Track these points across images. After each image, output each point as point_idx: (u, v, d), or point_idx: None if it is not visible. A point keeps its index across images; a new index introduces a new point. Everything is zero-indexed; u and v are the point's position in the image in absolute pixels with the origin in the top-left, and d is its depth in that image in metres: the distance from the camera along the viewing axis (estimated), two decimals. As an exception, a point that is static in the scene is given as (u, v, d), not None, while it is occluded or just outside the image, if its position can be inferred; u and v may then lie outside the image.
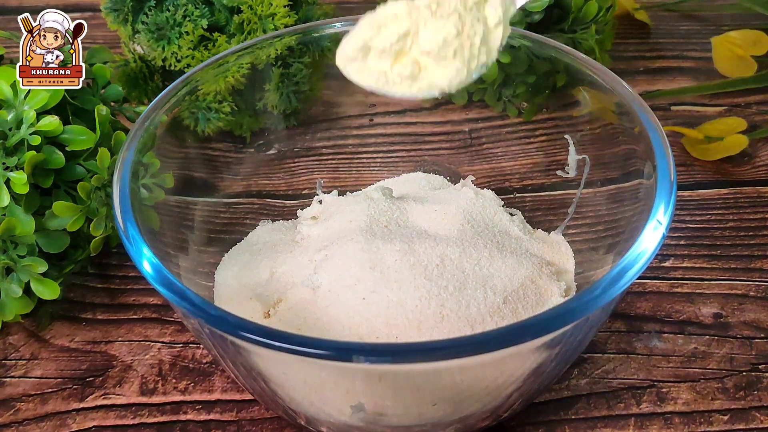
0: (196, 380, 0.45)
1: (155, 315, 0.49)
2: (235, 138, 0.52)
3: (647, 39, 0.72)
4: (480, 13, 0.41)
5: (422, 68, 0.41)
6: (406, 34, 0.40)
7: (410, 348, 0.35)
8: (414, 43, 0.40)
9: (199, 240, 0.47)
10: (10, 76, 0.46)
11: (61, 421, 0.44)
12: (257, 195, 0.52)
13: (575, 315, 0.33)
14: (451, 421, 0.39)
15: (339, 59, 0.41)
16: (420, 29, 0.40)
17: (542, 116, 0.53)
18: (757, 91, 0.64)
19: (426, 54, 0.40)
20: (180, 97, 0.46)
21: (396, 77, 0.41)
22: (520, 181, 0.52)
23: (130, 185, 0.40)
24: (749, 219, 0.54)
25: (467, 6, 0.40)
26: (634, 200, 0.42)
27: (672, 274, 0.51)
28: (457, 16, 0.40)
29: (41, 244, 0.46)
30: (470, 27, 0.40)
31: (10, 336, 0.48)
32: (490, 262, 0.44)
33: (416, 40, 0.40)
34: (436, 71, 0.41)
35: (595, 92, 0.46)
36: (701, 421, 0.43)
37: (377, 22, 0.40)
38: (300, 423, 0.41)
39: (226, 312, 0.34)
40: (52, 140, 0.45)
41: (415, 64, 0.41)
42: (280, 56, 0.52)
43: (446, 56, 0.40)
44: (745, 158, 0.59)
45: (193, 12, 0.53)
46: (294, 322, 0.42)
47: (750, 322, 0.48)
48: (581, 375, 0.45)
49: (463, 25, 0.40)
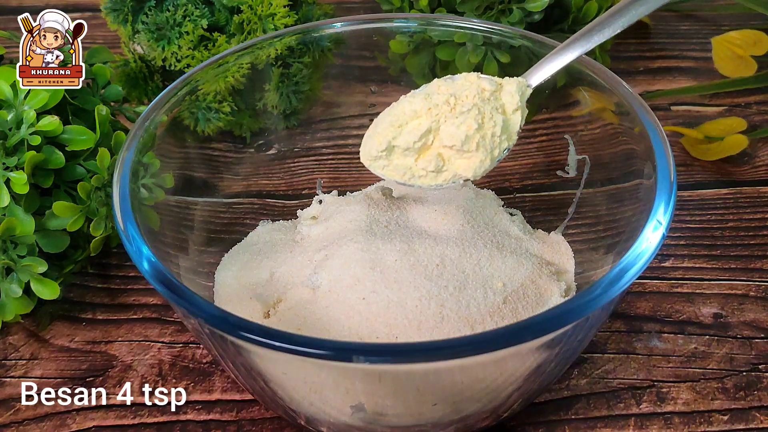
0: (196, 380, 0.45)
1: (155, 315, 0.49)
2: (235, 138, 0.52)
3: (647, 39, 0.72)
4: (498, 102, 0.42)
5: (446, 160, 0.42)
6: (428, 131, 0.41)
7: (410, 348, 0.35)
8: (436, 138, 0.42)
9: (199, 240, 0.47)
10: (10, 76, 0.46)
11: (61, 421, 0.44)
12: (257, 195, 0.52)
13: (575, 315, 0.33)
14: (451, 421, 0.39)
15: (363, 158, 0.43)
16: (441, 125, 0.41)
17: (542, 116, 0.53)
18: (757, 91, 0.65)
19: (449, 148, 0.41)
20: (180, 97, 0.46)
21: (421, 171, 0.42)
22: (520, 181, 0.52)
23: (130, 185, 0.40)
24: (749, 219, 0.54)
25: (484, 97, 0.42)
26: (634, 200, 0.42)
27: (672, 274, 0.51)
28: (477, 110, 0.41)
29: (41, 244, 0.46)
30: (490, 119, 0.41)
31: (10, 336, 0.48)
32: (490, 262, 0.44)
33: (437, 135, 0.42)
34: (460, 162, 0.42)
35: (595, 92, 0.46)
36: (701, 421, 0.43)
37: (398, 121, 0.42)
38: (300, 423, 0.41)
39: (226, 312, 0.34)
40: (52, 140, 0.45)
41: (439, 157, 0.42)
42: (280, 56, 0.52)
43: (469, 149, 0.41)
44: (745, 158, 0.59)
45: (193, 12, 0.53)
46: (294, 322, 0.42)
47: (750, 322, 0.48)
48: (581, 375, 0.45)
49: (483, 117, 0.41)
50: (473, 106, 0.41)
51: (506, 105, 0.42)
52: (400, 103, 0.43)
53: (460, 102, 0.41)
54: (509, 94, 0.42)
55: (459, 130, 0.41)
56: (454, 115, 0.41)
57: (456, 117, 0.41)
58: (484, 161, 0.42)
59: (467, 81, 0.42)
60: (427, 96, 0.42)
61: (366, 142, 0.43)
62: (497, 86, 0.42)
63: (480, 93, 0.42)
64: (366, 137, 0.44)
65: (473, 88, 0.42)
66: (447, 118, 0.41)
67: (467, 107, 0.41)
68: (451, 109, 0.41)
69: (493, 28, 0.49)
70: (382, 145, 0.42)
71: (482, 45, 0.49)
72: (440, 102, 0.41)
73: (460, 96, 0.41)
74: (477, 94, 0.42)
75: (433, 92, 0.42)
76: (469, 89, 0.42)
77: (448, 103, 0.41)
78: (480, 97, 0.41)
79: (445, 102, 0.41)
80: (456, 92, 0.42)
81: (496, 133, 0.42)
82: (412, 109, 0.42)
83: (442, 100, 0.41)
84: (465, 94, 0.42)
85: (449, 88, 0.42)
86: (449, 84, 0.42)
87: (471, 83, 0.42)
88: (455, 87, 0.42)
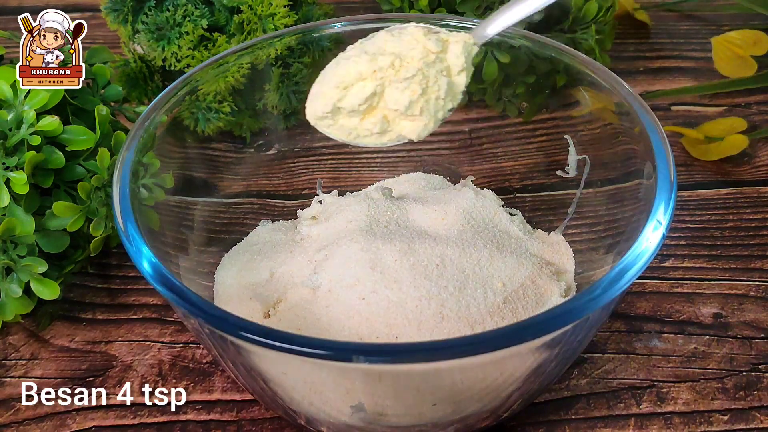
0: (196, 380, 0.45)
1: (155, 315, 0.49)
2: (235, 138, 0.52)
3: (647, 39, 0.72)
4: (443, 64, 0.42)
5: (390, 121, 0.42)
6: (373, 94, 0.41)
7: (410, 348, 0.35)
8: (380, 100, 0.42)
9: (199, 240, 0.47)
10: (10, 76, 0.46)
11: (61, 421, 0.44)
12: (257, 195, 0.52)
13: (575, 315, 0.33)
14: (451, 421, 0.39)
15: (309, 116, 0.43)
16: (386, 88, 0.41)
17: (542, 116, 0.53)
18: (757, 91, 0.65)
19: (393, 111, 0.41)
20: (180, 97, 0.46)
21: (366, 131, 0.42)
22: (520, 181, 0.52)
23: (130, 185, 0.40)
24: (749, 219, 0.54)
25: (429, 61, 0.41)
26: (634, 200, 0.42)
27: (672, 274, 0.51)
28: (421, 75, 0.41)
29: (41, 244, 0.46)
30: (434, 82, 0.41)
31: (10, 336, 0.48)
32: (490, 262, 0.44)
33: (383, 97, 0.41)
34: (405, 124, 0.42)
35: (595, 92, 0.46)
36: (701, 421, 0.43)
37: (343, 83, 0.42)
38: (300, 423, 0.41)
39: (226, 312, 0.34)
40: (52, 140, 0.45)
41: (384, 119, 0.42)
42: (280, 56, 0.52)
43: (413, 113, 0.41)
44: (745, 158, 0.59)
45: (193, 12, 0.53)
46: (294, 322, 0.42)
47: (750, 322, 0.48)
48: (581, 375, 0.45)
49: (428, 81, 0.41)
50: (418, 71, 0.41)
51: (451, 67, 0.42)
52: (346, 60, 0.42)
53: (405, 65, 0.41)
54: (455, 55, 0.42)
55: (403, 95, 0.41)
56: (398, 79, 0.41)
57: (400, 81, 0.41)
58: (428, 124, 0.42)
59: (413, 39, 0.42)
60: (372, 58, 0.41)
61: (311, 100, 0.43)
62: (443, 46, 0.42)
63: (425, 56, 0.41)
64: (311, 95, 0.43)
65: (419, 48, 0.41)
66: (391, 81, 0.41)
67: (411, 72, 0.41)
68: (396, 72, 0.41)
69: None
70: (327, 107, 0.42)
71: (482, 45, 0.49)
72: (385, 65, 0.41)
73: (405, 57, 0.41)
74: (422, 57, 0.41)
75: (378, 51, 0.42)
76: (414, 50, 0.41)
77: (393, 66, 0.41)
78: (425, 61, 0.41)
79: (390, 65, 0.41)
80: (401, 52, 0.41)
81: (440, 96, 0.42)
82: (358, 71, 0.41)
83: (387, 63, 0.41)
84: (410, 55, 0.41)
85: (395, 47, 0.42)
86: (395, 41, 0.42)
87: (417, 42, 0.42)
88: (401, 46, 0.41)
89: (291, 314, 0.42)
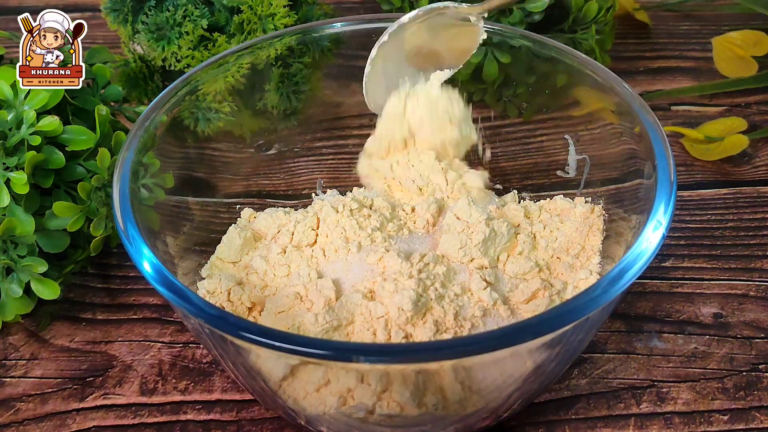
0: (196, 380, 0.45)
1: (155, 315, 0.49)
2: (235, 138, 0.52)
3: (647, 39, 0.72)
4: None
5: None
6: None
7: (410, 348, 0.35)
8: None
9: (199, 240, 0.47)
10: (10, 76, 0.46)
11: (61, 421, 0.44)
12: (257, 195, 0.52)
13: (575, 315, 0.33)
14: (451, 421, 0.39)
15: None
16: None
17: (542, 116, 0.53)
18: (757, 91, 0.64)
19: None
20: (180, 97, 0.46)
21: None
22: (520, 181, 0.52)
23: (130, 185, 0.40)
24: (749, 219, 0.54)
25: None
26: (634, 200, 0.42)
27: (672, 274, 0.51)
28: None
29: (41, 244, 0.46)
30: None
31: (10, 336, 0.48)
32: (490, 262, 0.43)
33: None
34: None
35: (595, 92, 0.46)
36: (701, 421, 0.43)
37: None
38: (300, 423, 0.41)
39: (226, 312, 0.34)
40: (52, 140, 0.45)
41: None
42: (280, 56, 0.52)
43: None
44: (745, 158, 0.59)
45: (193, 12, 0.53)
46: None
47: (750, 322, 0.48)
48: (581, 375, 0.45)
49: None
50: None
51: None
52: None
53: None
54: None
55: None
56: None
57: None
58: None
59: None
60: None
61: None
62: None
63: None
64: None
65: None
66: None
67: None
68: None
69: (493, 28, 0.49)
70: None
71: (482, 45, 0.49)
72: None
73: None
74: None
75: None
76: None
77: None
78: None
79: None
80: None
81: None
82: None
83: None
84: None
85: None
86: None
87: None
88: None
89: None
